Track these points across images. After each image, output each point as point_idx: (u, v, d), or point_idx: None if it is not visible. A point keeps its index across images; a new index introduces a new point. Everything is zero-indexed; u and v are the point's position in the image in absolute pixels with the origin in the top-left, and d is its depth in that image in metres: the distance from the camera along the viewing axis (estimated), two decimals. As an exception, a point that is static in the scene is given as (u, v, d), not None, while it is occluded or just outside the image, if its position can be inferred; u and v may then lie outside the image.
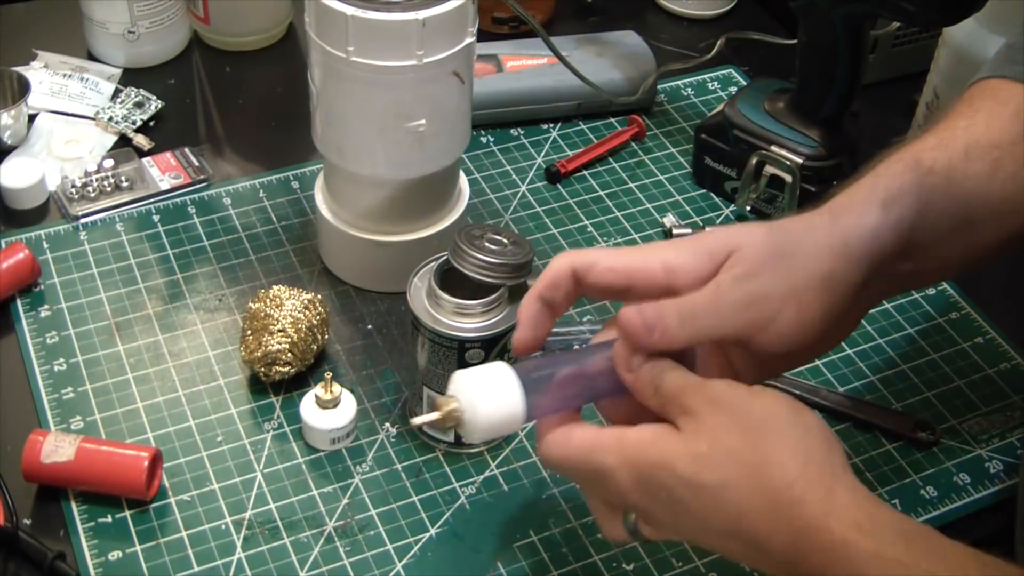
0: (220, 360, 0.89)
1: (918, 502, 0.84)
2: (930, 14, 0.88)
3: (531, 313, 0.65)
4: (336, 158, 0.90)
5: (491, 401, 0.62)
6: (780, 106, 1.01)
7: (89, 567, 0.76)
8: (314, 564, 0.78)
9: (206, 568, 0.77)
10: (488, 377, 0.62)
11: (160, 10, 1.12)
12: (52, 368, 0.88)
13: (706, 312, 0.61)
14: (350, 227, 0.93)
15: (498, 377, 0.62)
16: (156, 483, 0.80)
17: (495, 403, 0.62)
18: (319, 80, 0.87)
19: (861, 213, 0.65)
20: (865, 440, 0.87)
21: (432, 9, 0.82)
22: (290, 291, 0.87)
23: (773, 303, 0.62)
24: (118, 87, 1.11)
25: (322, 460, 0.83)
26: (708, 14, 1.26)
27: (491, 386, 0.62)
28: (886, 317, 0.96)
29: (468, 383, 0.62)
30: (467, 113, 0.91)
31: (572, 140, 1.11)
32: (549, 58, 1.08)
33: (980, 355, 0.94)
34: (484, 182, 1.06)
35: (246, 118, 1.11)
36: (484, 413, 0.61)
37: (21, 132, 1.05)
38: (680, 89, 1.18)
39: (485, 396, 0.62)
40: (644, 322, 0.61)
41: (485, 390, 0.62)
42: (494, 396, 0.62)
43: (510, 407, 0.62)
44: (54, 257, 0.96)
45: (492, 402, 0.62)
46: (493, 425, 0.62)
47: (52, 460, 0.78)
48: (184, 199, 1.02)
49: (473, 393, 0.62)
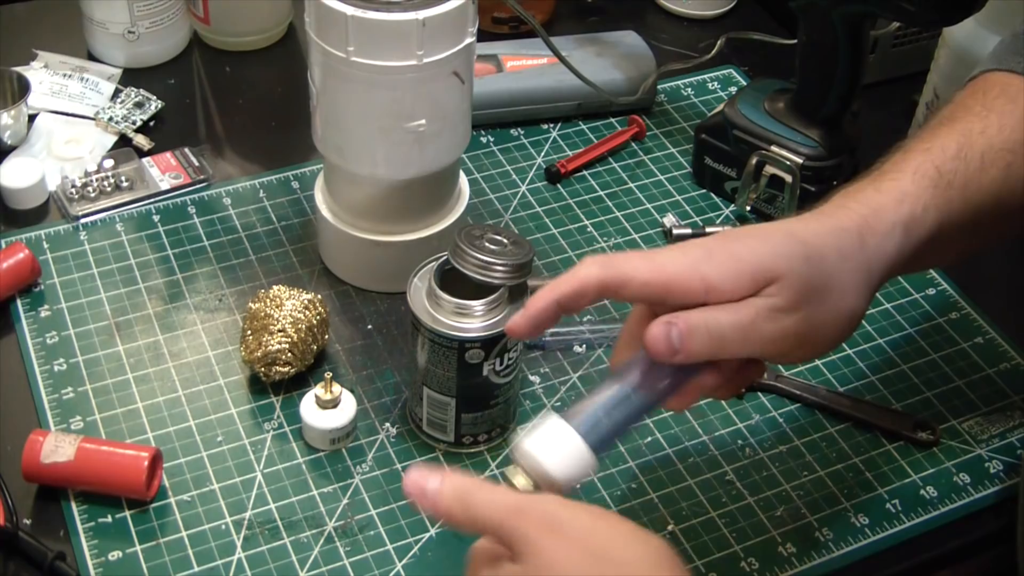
0: (220, 360, 0.89)
1: (918, 502, 0.84)
2: (930, 14, 0.88)
3: (541, 310, 0.64)
4: (336, 158, 0.90)
5: (562, 466, 0.61)
6: (780, 106, 1.01)
7: (89, 567, 0.76)
8: (314, 564, 0.78)
9: (206, 568, 0.77)
10: (550, 441, 0.61)
11: (160, 10, 1.12)
12: (52, 368, 0.88)
13: (735, 338, 0.62)
14: (350, 227, 0.93)
15: (559, 437, 0.61)
16: (156, 483, 0.80)
17: (566, 466, 0.61)
18: (319, 80, 0.87)
19: (886, 235, 0.66)
20: (865, 440, 0.87)
21: (432, 9, 0.82)
22: (290, 291, 0.87)
23: (798, 338, 0.63)
24: (118, 87, 1.11)
25: (322, 460, 0.83)
26: (708, 14, 1.26)
27: (555, 450, 0.61)
28: (886, 317, 0.96)
29: (532, 452, 0.61)
30: (467, 113, 0.91)
31: (572, 140, 1.11)
32: (549, 58, 1.08)
33: (980, 355, 0.94)
34: (484, 182, 1.06)
35: (246, 118, 1.11)
36: (559, 477, 0.61)
37: (21, 132, 1.05)
38: (680, 89, 1.18)
39: (554, 463, 0.61)
40: (670, 345, 0.61)
41: (551, 457, 0.61)
42: (562, 460, 0.61)
43: (580, 463, 0.61)
44: (54, 257, 0.96)
45: (563, 467, 0.61)
46: (573, 479, 0.61)
47: (52, 460, 0.78)
48: (184, 199, 1.02)
49: (542, 463, 0.61)
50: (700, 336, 0.61)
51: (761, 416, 0.88)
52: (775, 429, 0.88)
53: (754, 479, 0.84)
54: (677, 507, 0.82)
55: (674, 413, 0.88)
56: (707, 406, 0.89)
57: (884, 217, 0.66)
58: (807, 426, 0.88)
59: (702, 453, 0.86)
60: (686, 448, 0.86)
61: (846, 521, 0.82)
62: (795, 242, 0.64)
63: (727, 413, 0.88)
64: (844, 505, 0.83)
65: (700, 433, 0.87)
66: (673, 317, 0.62)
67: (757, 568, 0.79)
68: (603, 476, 0.84)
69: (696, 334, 0.61)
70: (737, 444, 0.86)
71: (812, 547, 0.81)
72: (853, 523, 0.82)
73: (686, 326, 0.61)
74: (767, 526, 0.82)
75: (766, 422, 0.88)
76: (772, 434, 0.87)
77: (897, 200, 0.67)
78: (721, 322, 0.62)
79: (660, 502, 0.82)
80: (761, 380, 0.89)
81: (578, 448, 0.61)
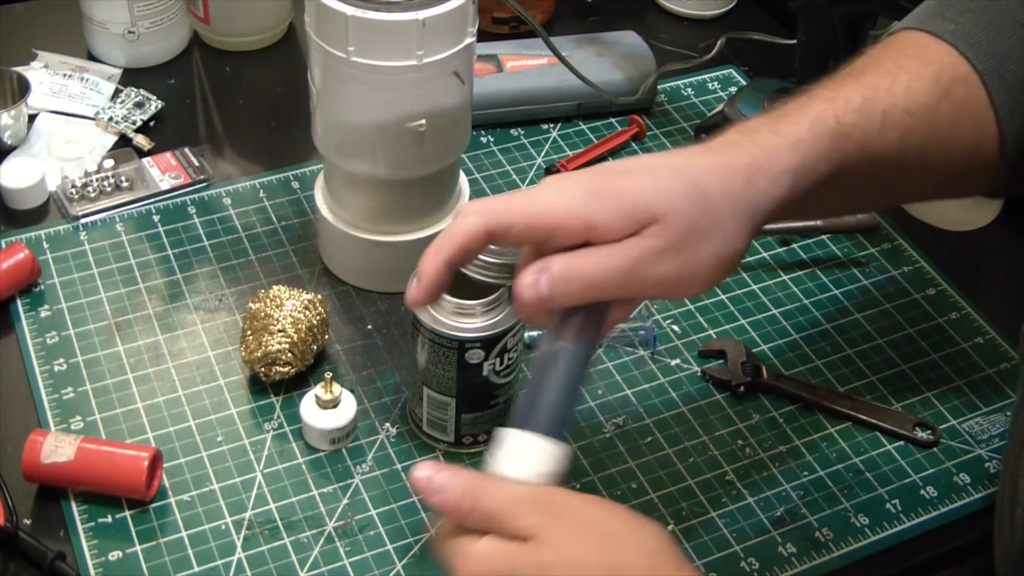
0: (220, 360, 0.89)
1: (918, 502, 0.84)
2: (930, 14, 0.88)
3: (434, 274, 0.64)
4: (336, 158, 0.90)
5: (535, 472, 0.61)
6: (780, 106, 1.01)
7: (89, 567, 0.76)
8: (314, 564, 0.78)
9: (206, 568, 0.77)
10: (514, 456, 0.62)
11: (160, 10, 1.12)
12: (52, 368, 0.88)
13: (613, 282, 0.62)
14: (350, 227, 0.93)
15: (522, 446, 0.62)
16: (156, 483, 0.80)
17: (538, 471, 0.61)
18: (319, 80, 0.87)
19: (775, 180, 0.65)
20: (865, 440, 0.87)
21: (432, 9, 0.82)
22: (290, 291, 0.87)
23: (679, 280, 0.63)
24: (118, 87, 1.11)
25: (322, 460, 0.83)
26: (708, 14, 1.26)
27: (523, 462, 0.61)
28: (886, 317, 0.96)
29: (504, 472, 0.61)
30: (467, 113, 0.91)
31: (572, 140, 1.11)
32: (549, 58, 1.08)
33: (980, 355, 0.94)
34: (484, 182, 1.06)
35: (246, 118, 1.11)
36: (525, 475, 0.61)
37: (21, 132, 1.05)
38: (680, 89, 1.18)
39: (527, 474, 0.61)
40: (539, 292, 0.61)
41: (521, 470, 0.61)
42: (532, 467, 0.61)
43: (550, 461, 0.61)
44: (54, 257, 0.96)
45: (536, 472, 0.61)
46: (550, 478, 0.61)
47: (52, 460, 0.78)
48: (184, 199, 1.02)
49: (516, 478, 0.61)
50: (574, 282, 0.61)
51: (761, 416, 0.88)
52: (775, 429, 0.88)
53: (754, 479, 0.84)
54: (677, 507, 0.82)
55: (673, 413, 0.88)
56: (707, 406, 0.89)
57: (776, 161, 0.66)
58: (807, 426, 0.88)
59: (702, 453, 0.86)
60: (686, 448, 0.86)
61: (846, 521, 0.82)
62: (681, 179, 0.64)
63: (727, 413, 0.88)
64: (844, 505, 0.83)
65: (700, 433, 0.87)
66: (546, 262, 0.61)
67: (757, 568, 0.79)
68: (603, 476, 0.84)
69: (570, 281, 0.61)
70: (737, 444, 0.86)
71: (812, 547, 0.81)
72: (853, 523, 0.82)
73: (558, 271, 0.61)
74: (767, 526, 0.82)
75: (766, 422, 0.88)
76: (772, 434, 0.87)
77: (791, 146, 0.67)
78: (597, 268, 0.61)
79: (660, 502, 0.82)
80: (761, 379, 0.89)
81: (542, 449, 0.61)
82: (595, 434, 0.86)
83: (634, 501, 0.82)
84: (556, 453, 0.62)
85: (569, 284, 0.61)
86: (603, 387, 0.89)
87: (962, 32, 0.73)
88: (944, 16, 0.74)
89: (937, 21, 0.74)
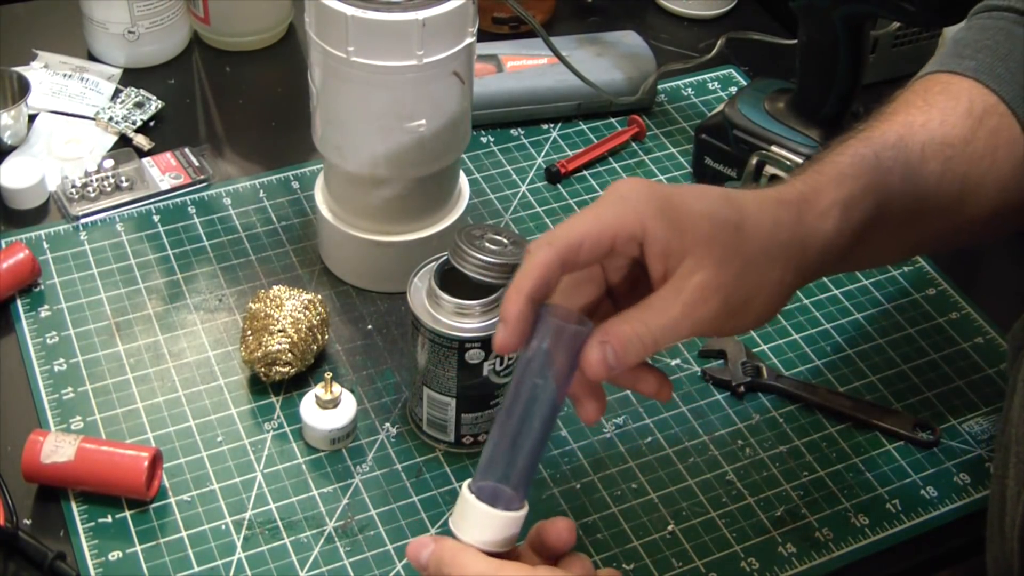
0: (220, 360, 0.89)
1: (918, 502, 0.84)
2: (930, 14, 0.88)
3: (518, 315, 0.61)
4: (336, 158, 0.90)
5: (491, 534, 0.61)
6: (780, 106, 1.01)
7: (89, 567, 0.76)
8: (314, 564, 0.78)
9: (206, 568, 0.77)
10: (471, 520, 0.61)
11: (160, 10, 1.12)
12: (52, 368, 0.88)
13: (668, 337, 0.61)
14: (350, 227, 0.93)
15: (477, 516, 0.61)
16: (156, 483, 0.80)
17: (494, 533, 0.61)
18: (319, 80, 0.87)
19: (824, 213, 0.65)
20: (865, 440, 0.87)
21: (432, 9, 0.82)
22: (290, 291, 0.87)
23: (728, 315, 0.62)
24: (118, 87, 1.11)
25: (322, 460, 0.83)
26: (708, 14, 1.26)
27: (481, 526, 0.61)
28: (886, 317, 0.96)
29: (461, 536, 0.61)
30: (467, 113, 0.91)
31: (572, 140, 1.11)
32: (549, 58, 1.08)
33: (980, 355, 0.94)
34: (484, 182, 1.06)
35: (246, 118, 1.11)
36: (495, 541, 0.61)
37: (21, 132, 1.05)
38: (680, 89, 1.18)
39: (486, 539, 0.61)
40: (607, 366, 0.60)
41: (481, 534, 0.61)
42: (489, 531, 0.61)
43: (506, 526, 0.61)
44: (54, 257, 0.96)
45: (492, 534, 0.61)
46: (508, 539, 0.61)
47: (52, 460, 0.78)
48: (184, 199, 1.02)
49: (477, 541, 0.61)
50: (634, 348, 0.60)
51: (761, 416, 0.88)
52: (775, 429, 0.88)
53: (754, 479, 0.84)
54: (677, 507, 0.82)
55: (673, 413, 0.88)
56: (707, 406, 0.89)
57: (823, 195, 0.66)
58: (807, 426, 0.88)
59: (702, 453, 0.86)
60: (686, 448, 0.86)
61: (846, 521, 0.82)
62: (731, 207, 0.63)
63: (727, 413, 0.88)
64: (844, 505, 0.83)
65: (700, 433, 0.87)
66: (604, 335, 0.60)
67: (757, 568, 0.79)
68: (603, 476, 0.84)
69: (630, 346, 0.60)
70: (737, 444, 0.86)
71: (812, 547, 0.81)
72: (853, 523, 0.82)
73: (619, 342, 0.60)
74: (767, 526, 0.82)
75: (766, 422, 0.88)
76: (772, 434, 0.87)
77: (836, 181, 0.67)
78: (652, 328, 0.61)
79: (660, 502, 0.82)
80: (761, 379, 0.89)
81: (496, 516, 0.61)
82: (595, 434, 0.86)
83: (634, 501, 0.82)
84: (512, 518, 0.61)
85: (628, 351, 0.60)
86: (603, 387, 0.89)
87: (983, 67, 0.74)
88: (962, 56, 0.75)
89: (956, 61, 0.75)
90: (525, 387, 0.61)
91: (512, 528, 0.61)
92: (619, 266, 0.65)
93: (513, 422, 0.61)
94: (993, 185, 0.72)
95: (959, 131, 0.71)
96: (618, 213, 0.61)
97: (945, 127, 0.71)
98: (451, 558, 0.60)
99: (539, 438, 0.61)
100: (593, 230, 0.61)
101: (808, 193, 0.66)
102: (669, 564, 0.79)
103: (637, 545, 0.80)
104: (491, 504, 0.60)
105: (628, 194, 0.62)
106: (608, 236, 0.61)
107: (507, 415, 0.61)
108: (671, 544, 0.80)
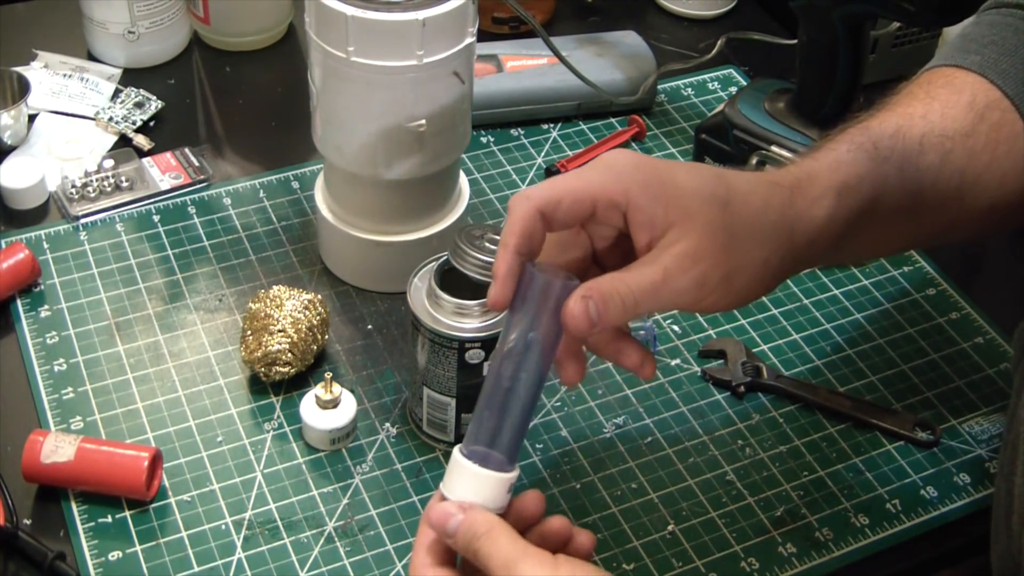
0: (220, 360, 0.89)
1: (918, 502, 0.84)
2: (930, 14, 0.88)
3: (509, 268, 0.62)
4: (336, 158, 0.90)
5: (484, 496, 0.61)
6: (780, 106, 1.01)
7: (89, 567, 0.76)
8: (314, 564, 0.78)
9: (206, 568, 0.77)
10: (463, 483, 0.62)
11: (160, 10, 1.12)
12: (52, 368, 0.88)
13: (648, 299, 0.61)
14: (350, 227, 0.93)
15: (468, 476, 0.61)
16: (156, 483, 0.80)
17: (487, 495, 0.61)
18: (319, 80, 0.87)
19: (816, 200, 0.65)
20: (865, 440, 0.87)
21: (432, 9, 0.82)
22: (290, 291, 0.87)
23: (709, 287, 0.62)
24: (118, 87, 1.11)
25: (322, 460, 0.83)
26: (708, 14, 1.26)
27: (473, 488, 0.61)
28: (886, 317, 0.96)
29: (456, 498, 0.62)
30: (467, 113, 0.91)
31: (572, 140, 1.11)
32: (549, 58, 1.08)
33: (980, 355, 0.94)
34: (484, 182, 1.06)
35: (246, 118, 1.11)
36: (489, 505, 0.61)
37: (21, 132, 1.05)
38: (680, 89, 1.18)
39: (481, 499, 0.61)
40: (589, 320, 0.61)
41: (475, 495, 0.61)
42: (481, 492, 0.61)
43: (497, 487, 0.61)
44: (54, 257, 0.96)
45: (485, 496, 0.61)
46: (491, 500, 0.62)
47: (52, 460, 0.78)
48: (184, 199, 1.02)
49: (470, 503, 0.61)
50: (615, 304, 0.61)
51: (761, 416, 0.88)
52: (775, 429, 0.88)
53: (754, 479, 0.84)
54: (677, 507, 0.82)
55: (673, 413, 0.88)
56: (707, 406, 0.89)
57: (817, 182, 0.66)
58: (807, 426, 0.88)
59: (702, 453, 0.86)
60: (686, 448, 0.86)
61: (846, 521, 0.82)
62: (721, 184, 0.63)
63: (727, 413, 0.88)
64: (844, 505, 0.83)
65: (700, 433, 0.87)
66: (587, 290, 0.61)
67: (757, 568, 0.79)
68: (603, 476, 0.84)
69: (611, 303, 0.61)
70: (737, 444, 0.86)
71: (812, 547, 0.81)
72: (853, 523, 0.82)
73: (600, 296, 0.61)
74: (767, 526, 0.82)
75: (766, 422, 0.88)
76: (772, 434, 0.87)
77: (831, 167, 0.67)
78: (632, 287, 0.61)
79: (660, 502, 0.82)
80: (761, 379, 0.89)
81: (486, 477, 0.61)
82: (595, 434, 0.86)
83: (634, 501, 0.82)
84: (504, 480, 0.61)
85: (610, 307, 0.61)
86: (603, 387, 0.89)
87: (988, 63, 0.74)
88: (968, 50, 0.75)
89: (961, 55, 0.75)
90: (513, 346, 0.62)
91: (502, 489, 0.61)
92: (604, 235, 0.66)
93: (502, 384, 0.62)
94: (993, 180, 0.72)
95: (959, 124, 0.71)
96: (603, 179, 0.62)
97: (945, 120, 0.71)
98: (486, 530, 0.60)
99: (527, 400, 0.62)
100: (574, 188, 0.62)
101: (802, 178, 0.66)
102: (669, 564, 0.79)
103: (637, 545, 0.80)
104: (482, 466, 0.61)
105: (614, 163, 0.63)
106: (589, 197, 0.62)
107: (496, 378, 0.62)
108: (671, 544, 0.80)
